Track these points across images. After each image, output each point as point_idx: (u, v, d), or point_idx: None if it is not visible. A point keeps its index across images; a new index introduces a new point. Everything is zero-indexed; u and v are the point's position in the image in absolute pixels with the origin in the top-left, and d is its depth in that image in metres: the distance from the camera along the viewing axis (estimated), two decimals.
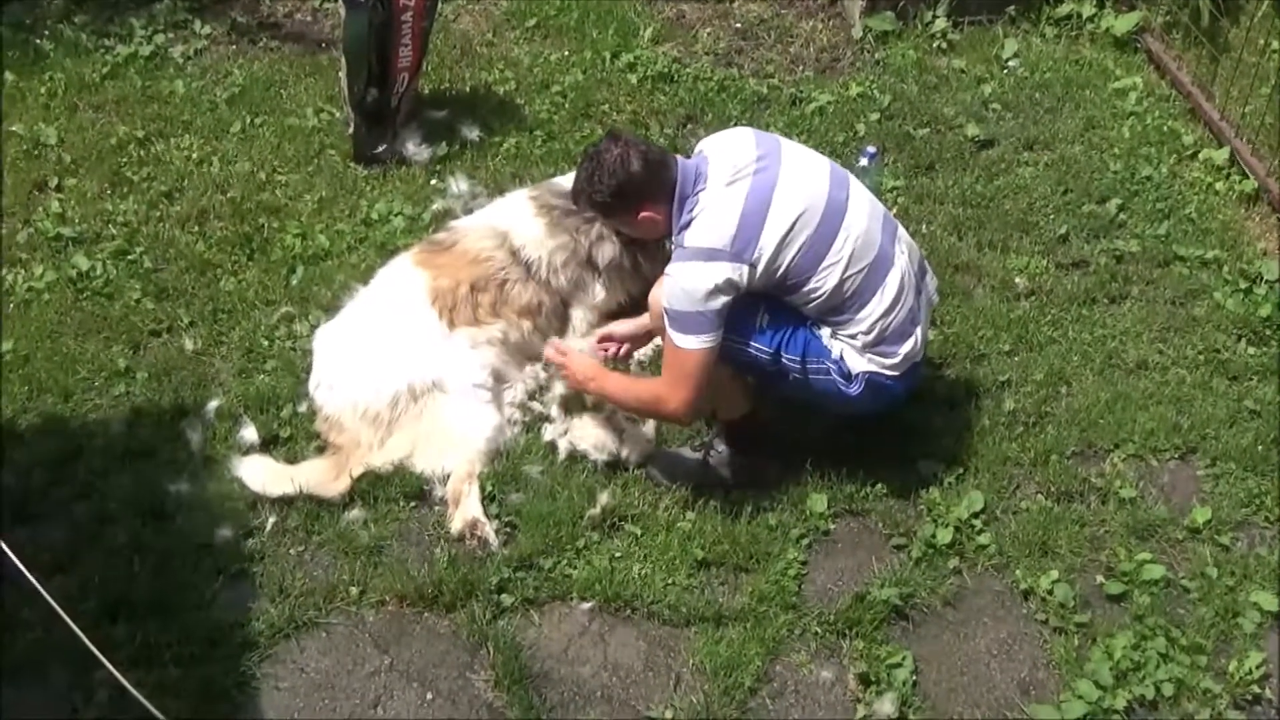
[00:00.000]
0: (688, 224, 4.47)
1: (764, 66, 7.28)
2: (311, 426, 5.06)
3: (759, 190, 4.43)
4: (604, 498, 4.78)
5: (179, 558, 4.57)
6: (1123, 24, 7.36)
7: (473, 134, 6.57)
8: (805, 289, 4.48)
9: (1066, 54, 7.32)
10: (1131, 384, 5.30)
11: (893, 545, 4.73)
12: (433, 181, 6.32)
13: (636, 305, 5.34)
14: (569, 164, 6.11)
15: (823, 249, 4.44)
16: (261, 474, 4.81)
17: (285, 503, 4.77)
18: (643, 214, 4.61)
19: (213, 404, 5.13)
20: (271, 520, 4.72)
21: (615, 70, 7.15)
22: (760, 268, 4.38)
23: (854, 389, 4.56)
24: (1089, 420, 5.13)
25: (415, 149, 6.47)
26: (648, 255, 5.33)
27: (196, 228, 6.06)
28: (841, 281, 4.46)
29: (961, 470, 4.93)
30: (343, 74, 6.43)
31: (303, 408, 5.13)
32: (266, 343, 5.45)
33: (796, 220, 4.40)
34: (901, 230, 4.72)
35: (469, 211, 5.84)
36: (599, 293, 5.39)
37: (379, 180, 6.35)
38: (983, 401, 5.21)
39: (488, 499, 4.82)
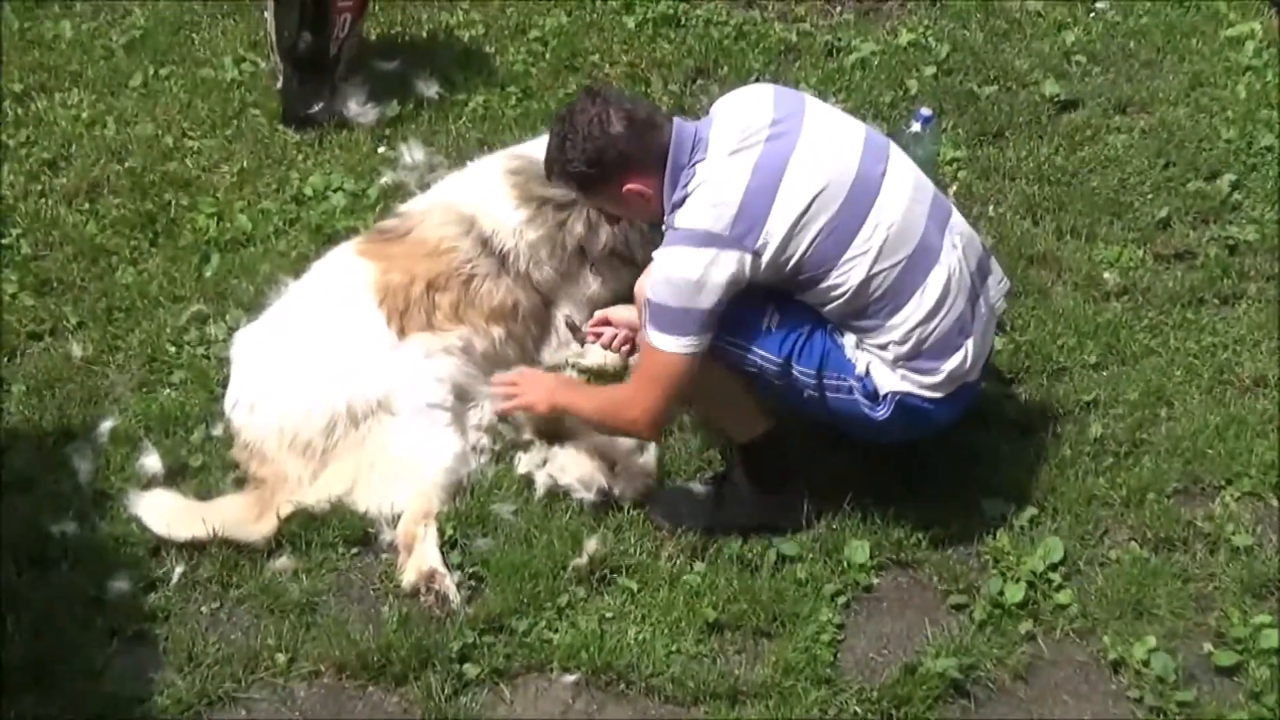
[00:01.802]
0: (681, 201, 4.48)
1: (792, 7, 7.30)
2: (228, 454, 5.07)
3: (770, 161, 4.44)
4: (592, 544, 4.79)
5: (63, 615, 4.57)
6: None
7: (430, 90, 6.60)
8: (823, 285, 4.48)
9: None
10: (1247, 406, 5.31)
11: (951, 605, 4.74)
12: (380, 149, 6.34)
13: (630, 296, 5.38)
14: (549, 127, 6.12)
15: (846, 237, 4.44)
16: (166, 512, 4.81)
17: (196, 548, 4.77)
18: (628, 186, 4.62)
19: (106, 425, 5.14)
20: (179, 570, 4.73)
21: (608, 11, 7.17)
22: (766, 257, 4.39)
23: (881, 412, 4.57)
24: (1194, 450, 5.14)
25: (359, 109, 6.49)
26: (647, 241, 5.35)
27: (86, 205, 6.08)
28: (869, 278, 4.47)
29: (1036, 511, 4.94)
30: (269, 13, 6.45)
31: (218, 430, 5.14)
32: (173, 349, 5.46)
33: (814, 200, 4.41)
34: (957, 218, 4.73)
35: (425, 187, 5.86)
36: (590, 284, 5.42)
37: (314, 147, 6.37)
38: (1063, 426, 5.22)
39: (448, 545, 4.82)
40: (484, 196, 5.38)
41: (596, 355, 5.36)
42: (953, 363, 4.56)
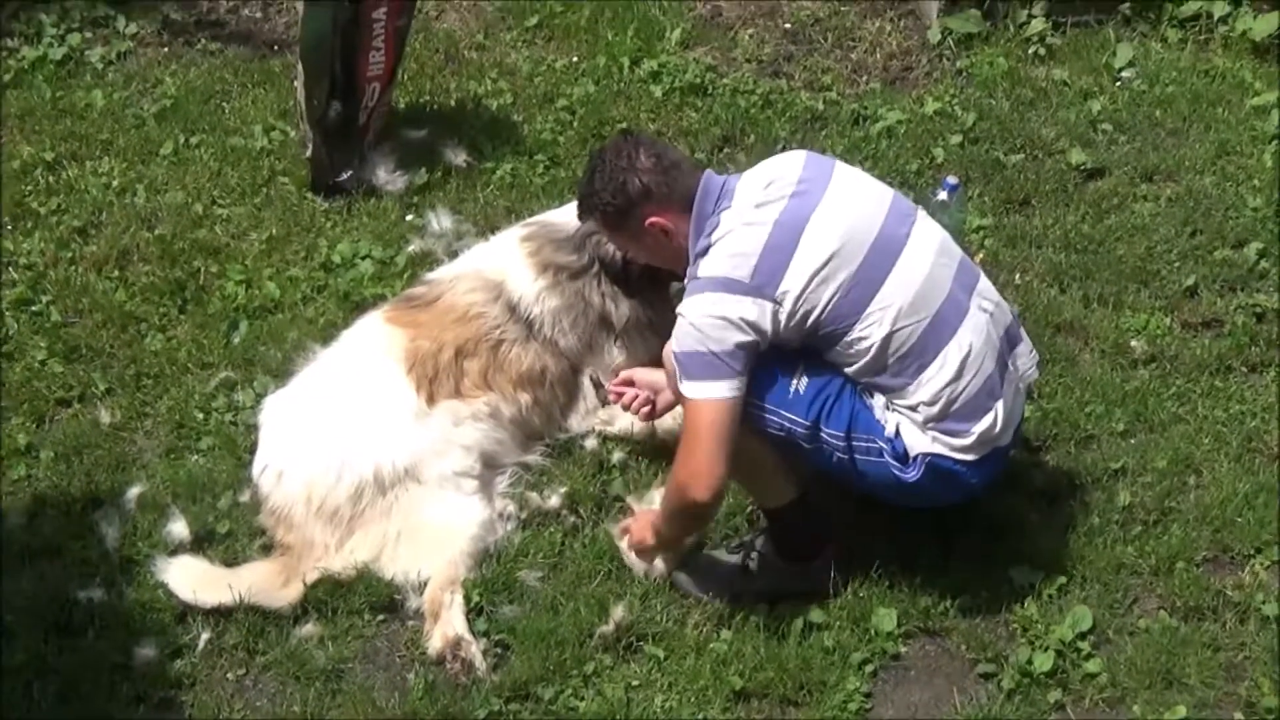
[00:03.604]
0: (704, 250, 4.52)
1: (819, 77, 7.34)
2: (255, 520, 5.08)
3: (792, 216, 4.47)
4: (619, 612, 4.78)
5: (89, 682, 4.58)
6: (1263, 26, 7.40)
7: (458, 159, 6.63)
8: (846, 340, 4.49)
9: (1194, 63, 7.37)
10: (1276, 473, 5.29)
11: (979, 673, 4.72)
12: (408, 217, 6.37)
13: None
14: (576, 195, 6.16)
15: (867, 294, 4.46)
16: (193, 579, 4.82)
17: (222, 614, 4.78)
18: (651, 219, 4.66)
19: (133, 491, 5.15)
20: (205, 636, 4.73)
21: (635, 80, 7.21)
22: (786, 309, 4.41)
23: (912, 474, 4.57)
24: (1223, 519, 5.13)
25: (387, 177, 6.52)
26: (670, 310, 5.39)
27: (116, 272, 6.12)
28: (890, 336, 4.47)
29: (1064, 580, 4.92)
30: (299, 83, 6.49)
31: (245, 497, 5.15)
32: (201, 416, 5.48)
33: (832, 256, 4.43)
34: (986, 283, 4.75)
35: (453, 255, 5.89)
36: (616, 355, 5.43)
37: (342, 215, 6.40)
38: (1091, 494, 5.21)
39: (474, 612, 4.82)
40: (507, 263, 5.40)
41: (624, 421, 5.36)
42: (983, 425, 4.55)
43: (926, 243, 4.60)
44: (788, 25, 7.71)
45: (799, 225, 4.45)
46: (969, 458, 4.58)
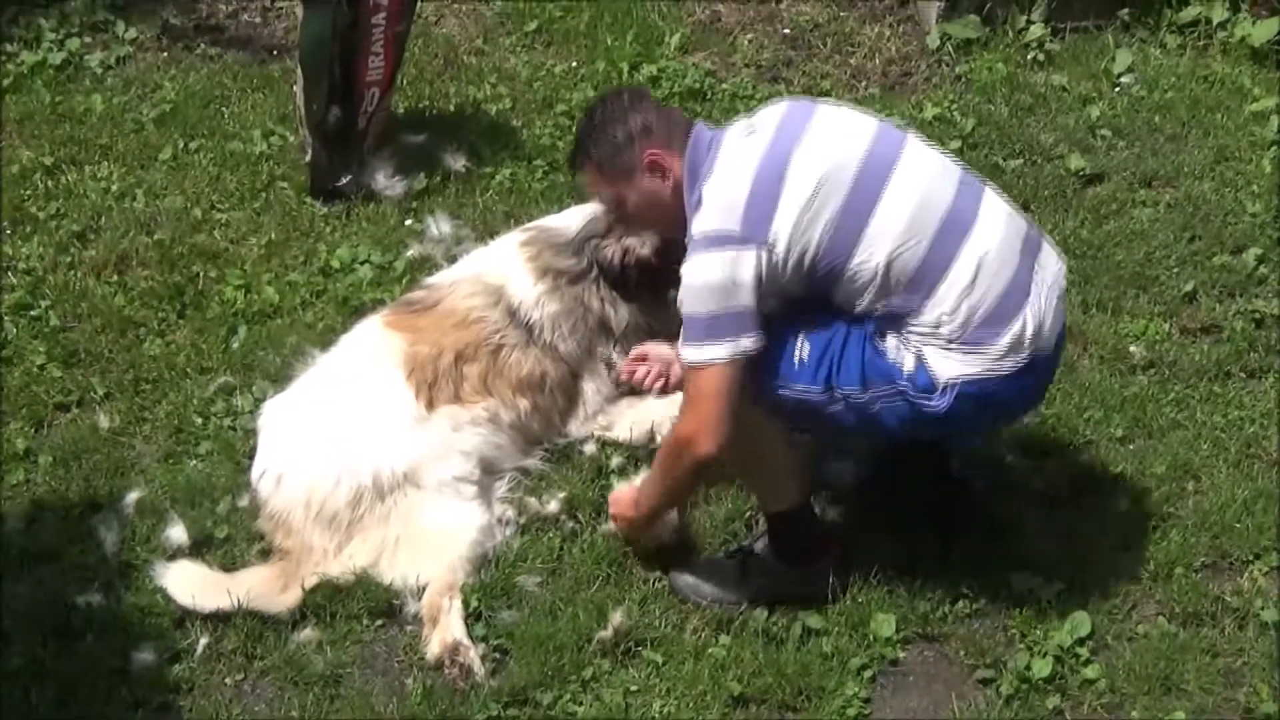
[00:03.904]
0: (697, 204, 4.49)
1: (818, 82, 7.35)
2: (254, 525, 5.08)
3: (774, 159, 4.43)
4: (617, 617, 4.78)
5: (88, 686, 4.57)
6: (1262, 32, 7.41)
7: (458, 164, 6.63)
8: (847, 274, 4.42)
9: (1192, 69, 7.37)
10: (1275, 479, 5.29)
11: (977, 679, 4.72)
12: (408, 222, 6.37)
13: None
14: (575, 200, 6.16)
15: (859, 222, 4.39)
16: (191, 583, 4.82)
17: (221, 620, 4.77)
18: (649, 153, 4.64)
19: (132, 496, 5.15)
20: (203, 641, 4.72)
21: (635, 85, 7.20)
22: (780, 251, 4.37)
23: (941, 404, 4.44)
24: (1222, 524, 5.13)
25: (387, 181, 6.53)
26: (668, 314, 5.40)
27: (115, 277, 6.12)
28: (891, 261, 4.39)
29: (1063, 586, 4.92)
30: (299, 88, 6.50)
31: (244, 502, 5.15)
32: (200, 420, 5.48)
33: (818, 189, 4.38)
34: (994, 194, 4.62)
35: (452, 260, 5.89)
36: (615, 360, 5.43)
37: (341, 220, 6.41)
38: (1090, 500, 5.21)
39: (472, 617, 4.82)
40: (507, 268, 5.42)
41: (623, 430, 5.37)
42: (1012, 329, 4.42)
43: (919, 163, 4.52)
44: (787, 30, 7.72)
45: (781, 168, 4.40)
46: (1004, 368, 4.45)
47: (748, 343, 4.39)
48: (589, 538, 5.06)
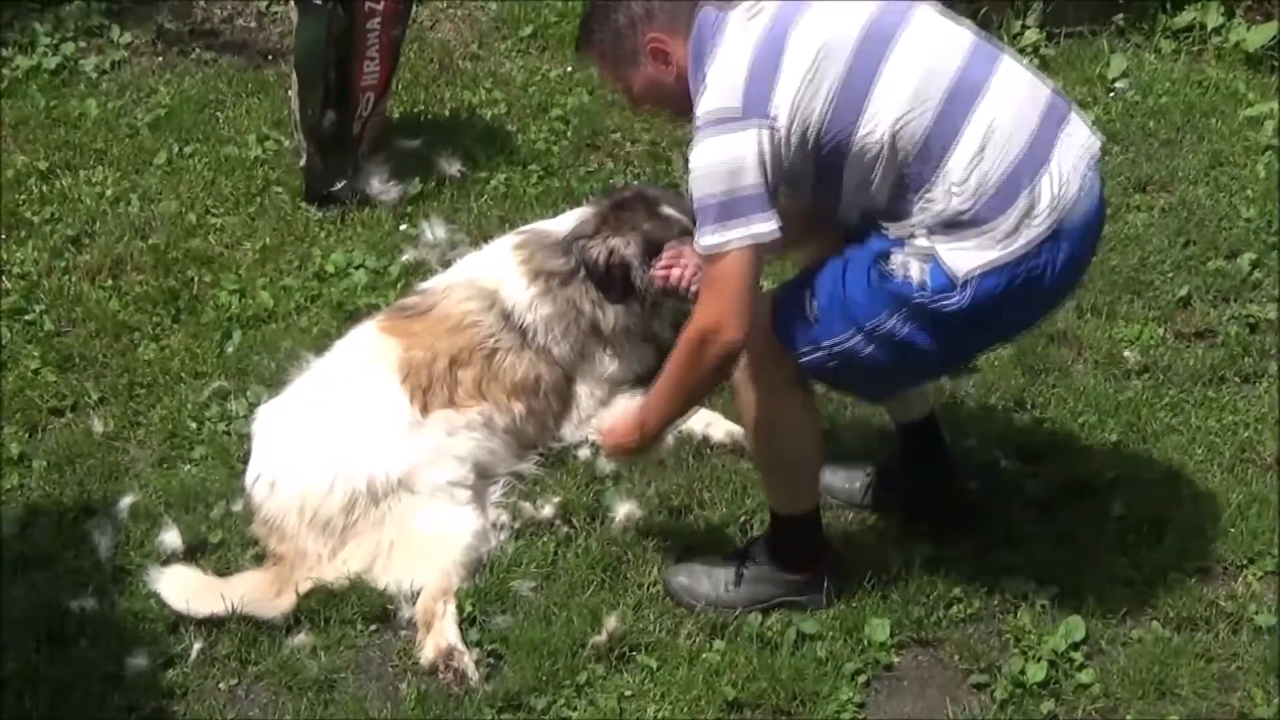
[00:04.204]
0: (701, 87, 4.39)
1: None
2: (248, 530, 5.08)
3: (775, 30, 4.31)
4: (611, 622, 4.77)
5: (81, 691, 4.56)
6: (1256, 37, 7.43)
7: (452, 168, 6.64)
8: (852, 149, 4.28)
9: (1187, 74, 7.39)
10: (1270, 484, 5.29)
11: (972, 684, 4.71)
12: (402, 226, 6.37)
13: (651, 376, 5.39)
14: (570, 205, 6.17)
15: (860, 92, 4.24)
16: (185, 588, 4.81)
17: (214, 624, 4.76)
18: (651, 39, 4.53)
19: (126, 500, 5.14)
20: (197, 646, 4.71)
21: None
22: (783, 126, 4.24)
23: (964, 298, 4.27)
24: (1217, 529, 5.13)
25: (381, 186, 6.53)
26: (661, 318, 5.47)
27: (110, 281, 6.12)
28: (896, 130, 4.24)
29: (1057, 590, 4.91)
30: (293, 93, 6.51)
31: (238, 507, 5.14)
32: (194, 425, 5.48)
33: (816, 60, 4.25)
34: (1015, 63, 4.50)
35: (447, 264, 5.90)
36: (608, 364, 5.45)
37: (336, 225, 6.41)
38: (1084, 504, 5.20)
39: (466, 622, 4.81)
40: (501, 271, 5.43)
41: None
42: (1025, 198, 4.25)
43: (925, 30, 4.37)
44: None
45: (780, 43, 4.28)
46: (1018, 245, 4.27)
47: (762, 227, 4.21)
48: (583, 542, 5.05)
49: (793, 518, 4.79)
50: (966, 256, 4.25)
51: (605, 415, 5.39)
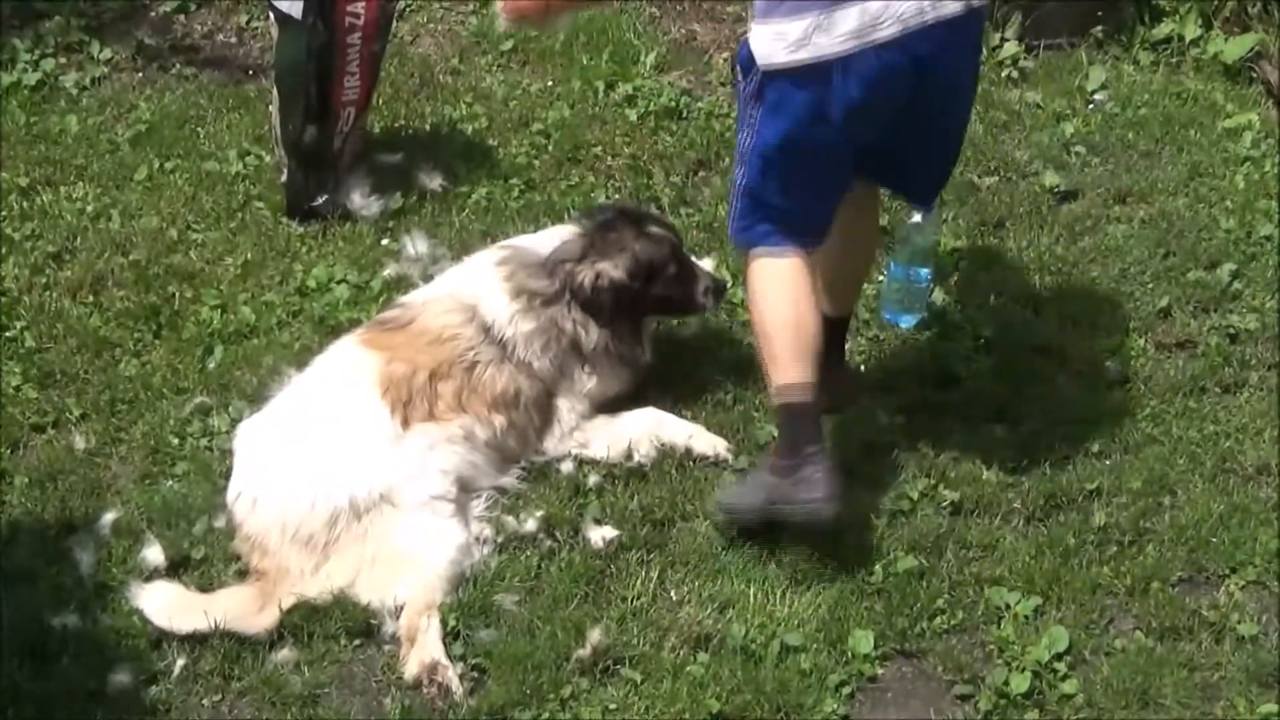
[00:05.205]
0: None
1: None
2: (230, 546, 5.06)
3: None
4: (595, 635, 4.77)
5: (64, 708, 4.55)
6: (1235, 49, 7.44)
7: (433, 183, 6.63)
8: None
9: (1166, 85, 7.40)
10: (1251, 494, 5.31)
11: (955, 695, 4.72)
12: (384, 241, 6.37)
13: (631, 395, 5.50)
14: (552, 219, 6.17)
15: None
16: (168, 605, 4.80)
17: (197, 640, 4.75)
18: None
19: (108, 517, 5.13)
20: (180, 662, 4.70)
21: (610, 104, 7.23)
22: None
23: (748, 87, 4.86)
24: (1198, 539, 5.14)
25: (363, 201, 6.53)
26: (638, 337, 5.48)
27: (91, 297, 6.11)
28: None
29: (1040, 601, 4.92)
30: (274, 108, 6.51)
31: (220, 522, 5.13)
32: (176, 441, 5.47)
33: None
34: None
35: (428, 279, 5.89)
36: (587, 382, 5.45)
37: (317, 240, 6.40)
38: (1066, 515, 5.22)
39: (450, 636, 4.81)
40: (482, 286, 5.42)
41: (600, 448, 5.40)
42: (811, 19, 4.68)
43: None
44: None
45: None
46: (799, 55, 4.76)
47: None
48: (567, 556, 5.05)
49: (781, 404, 4.91)
50: (761, 44, 4.78)
51: (588, 429, 5.41)
